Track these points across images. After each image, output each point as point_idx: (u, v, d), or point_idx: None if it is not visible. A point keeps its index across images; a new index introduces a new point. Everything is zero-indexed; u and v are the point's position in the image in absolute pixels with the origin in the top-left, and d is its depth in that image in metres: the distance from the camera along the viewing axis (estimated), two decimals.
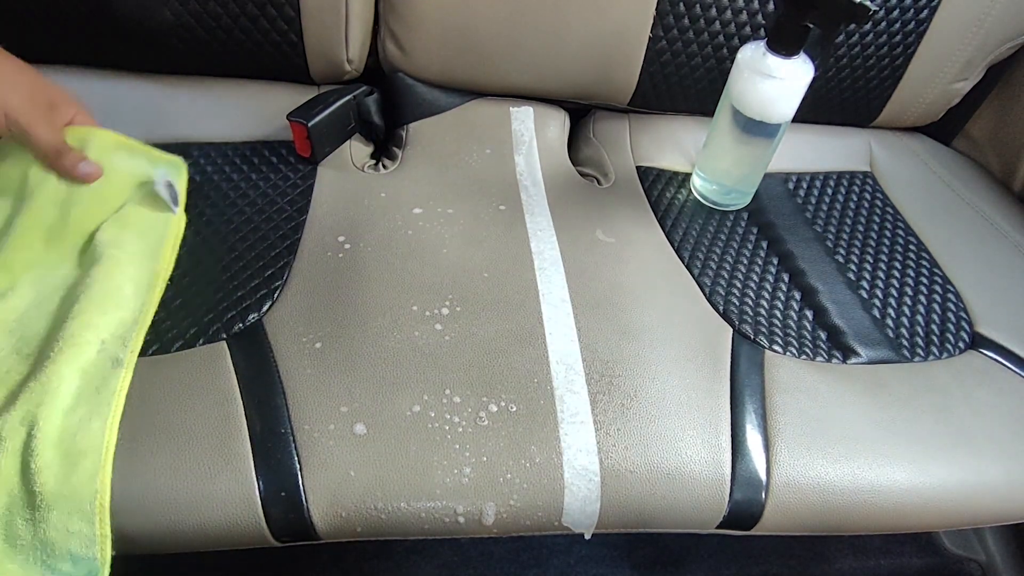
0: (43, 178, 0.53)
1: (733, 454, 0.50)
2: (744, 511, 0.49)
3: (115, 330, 0.48)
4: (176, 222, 0.56)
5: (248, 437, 0.46)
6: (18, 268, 0.50)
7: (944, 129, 0.85)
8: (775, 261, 0.65)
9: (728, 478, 0.49)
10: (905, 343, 0.59)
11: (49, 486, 0.39)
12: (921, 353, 0.59)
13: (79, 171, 0.53)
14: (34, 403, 0.41)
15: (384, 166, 0.69)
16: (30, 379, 0.43)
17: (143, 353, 0.49)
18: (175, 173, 0.58)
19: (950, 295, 0.64)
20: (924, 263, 0.67)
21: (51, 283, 0.50)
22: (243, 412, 0.47)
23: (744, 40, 0.70)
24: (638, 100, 0.76)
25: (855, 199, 0.74)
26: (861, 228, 0.70)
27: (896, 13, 0.70)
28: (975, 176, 0.80)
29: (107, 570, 0.40)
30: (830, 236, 0.69)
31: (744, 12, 0.69)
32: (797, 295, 0.62)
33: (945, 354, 0.59)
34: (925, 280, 0.65)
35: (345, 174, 0.67)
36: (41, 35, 0.67)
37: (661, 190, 0.70)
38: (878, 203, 0.74)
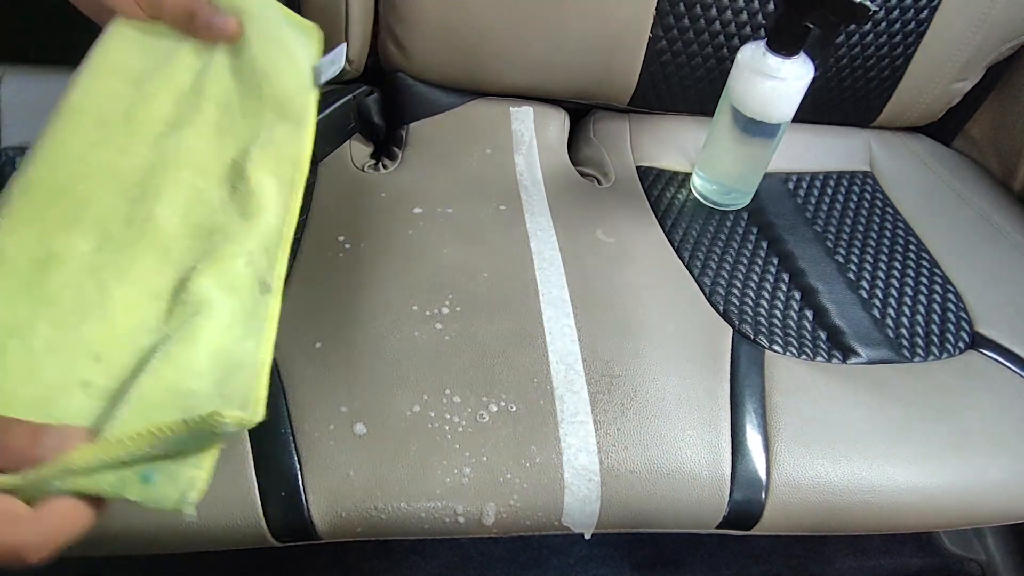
0: (175, 48, 0.44)
1: (733, 454, 0.50)
2: (744, 511, 0.49)
3: (261, 238, 0.41)
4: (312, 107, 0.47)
5: (248, 437, 0.46)
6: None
7: (944, 129, 0.85)
8: (775, 261, 0.65)
9: (728, 478, 0.49)
10: (905, 343, 0.59)
11: (203, 387, 0.35)
12: (921, 353, 0.59)
13: (216, 25, 0.44)
14: (189, 313, 0.37)
15: (384, 166, 0.69)
16: (181, 291, 0.38)
17: None
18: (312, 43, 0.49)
19: (950, 295, 0.64)
20: (924, 263, 0.67)
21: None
22: None
23: (744, 40, 0.70)
24: (638, 100, 0.76)
25: (855, 199, 0.74)
26: (861, 228, 0.70)
27: (896, 13, 0.70)
28: (975, 176, 0.80)
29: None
30: (830, 236, 0.68)
31: (744, 12, 0.69)
32: (797, 295, 0.62)
33: (945, 354, 0.59)
34: (925, 280, 0.65)
35: (345, 174, 0.67)
36: (41, 35, 0.67)
37: (661, 190, 0.70)
38: (878, 203, 0.74)
